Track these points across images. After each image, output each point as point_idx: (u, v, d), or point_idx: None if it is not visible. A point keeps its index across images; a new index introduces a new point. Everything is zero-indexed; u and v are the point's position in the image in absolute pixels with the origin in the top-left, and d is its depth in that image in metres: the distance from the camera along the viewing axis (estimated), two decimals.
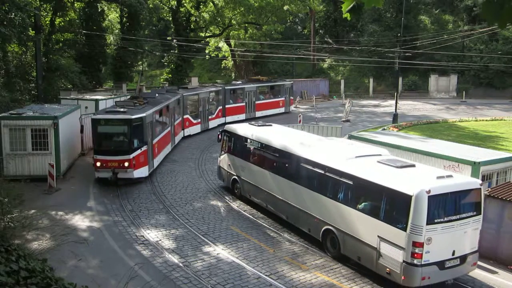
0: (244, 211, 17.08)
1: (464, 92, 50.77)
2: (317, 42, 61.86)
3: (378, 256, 11.50)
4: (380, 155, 13.70)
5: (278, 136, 16.89)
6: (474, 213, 11.39)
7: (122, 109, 19.90)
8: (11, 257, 5.97)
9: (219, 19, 46.02)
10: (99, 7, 44.21)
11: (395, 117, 35.14)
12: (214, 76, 61.49)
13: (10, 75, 32.55)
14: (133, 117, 19.14)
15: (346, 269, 12.56)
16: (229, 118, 33.74)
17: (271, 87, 39.29)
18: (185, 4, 45.67)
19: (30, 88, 33.44)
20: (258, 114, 36.41)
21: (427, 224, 10.56)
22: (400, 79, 50.63)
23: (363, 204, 12.20)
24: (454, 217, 11.01)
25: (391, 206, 11.34)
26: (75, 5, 40.28)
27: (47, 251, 10.34)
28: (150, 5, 46.92)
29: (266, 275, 12.08)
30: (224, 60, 56.60)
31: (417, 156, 16.11)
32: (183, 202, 17.87)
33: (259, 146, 17.09)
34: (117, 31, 50.74)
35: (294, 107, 45.87)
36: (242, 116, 34.80)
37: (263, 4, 43.99)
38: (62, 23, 39.12)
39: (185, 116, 29.15)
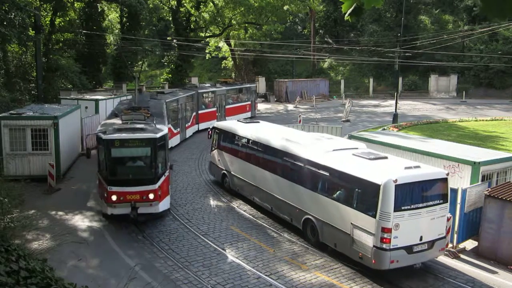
0: (244, 211, 17.10)
1: (464, 92, 50.75)
2: (317, 42, 61.83)
3: (351, 242, 12.21)
4: (357, 148, 14.44)
5: (263, 132, 17.66)
6: (441, 201, 12.00)
7: (138, 125, 15.55)
8: (11, 257, 5.96)
9: (219, 19, 46.00)
10: (99, 7, 44.19)
11: (395, 117, 35.13)
12: (214, 76, 61.49)
13: (10, 75, 32.57)
14: (158, 135, 14.96)
15: (346, 269, 12.57)
16: (202, 125, 31.08)
17: (239, 90, 37.91)
18: (185, 4, 45.67)
19: (30, 88, 33.44)
20: (228, 119, 32.24)
21: (395, 211, 11.22)
22: (400, 79, 50.61)
23: (338, 193, 12.95)
24: (420, 205, 11.65)
25: (362, 195, 12.07)
26: (75, 5, 40.28)
27: (47, 251, 10.34)
28: (150, 5, 46.91)
29: (266, 275, 12.08)
30: (224, 60, 56.61)
31: (417, 156, 16.10)
32: (183, 202, 17.88)
33: (246, 142, 17.78)
34: (117, 31, 50.72)
35: (294, 107, 45.92)
36: (214, 122, 31.00)
37: (263, 4, 43.97)
38: (62, 23, 39.14)
39: (168, 126, 25.40)
